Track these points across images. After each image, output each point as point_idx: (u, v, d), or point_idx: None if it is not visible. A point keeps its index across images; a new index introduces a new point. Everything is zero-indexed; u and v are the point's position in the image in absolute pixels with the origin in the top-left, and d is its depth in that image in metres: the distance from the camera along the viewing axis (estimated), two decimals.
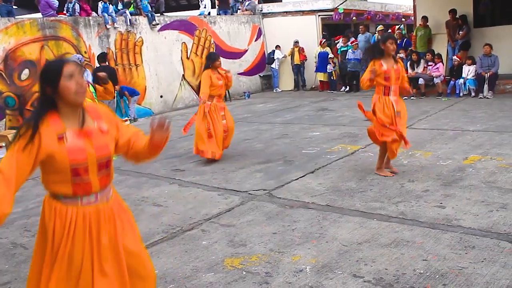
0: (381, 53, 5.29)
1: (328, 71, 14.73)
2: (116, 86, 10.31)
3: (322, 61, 14.73)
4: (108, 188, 2.41)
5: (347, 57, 14.20)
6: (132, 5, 13.49)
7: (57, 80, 2.19)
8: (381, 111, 5.34)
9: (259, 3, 17.15)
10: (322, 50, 14.82)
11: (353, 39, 14.75)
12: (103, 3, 12.49)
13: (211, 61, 6.96)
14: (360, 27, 15.34)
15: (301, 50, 15.35)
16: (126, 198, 5.48)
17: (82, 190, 2.29)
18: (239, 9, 17.10)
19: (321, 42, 15.14)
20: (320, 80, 15.34)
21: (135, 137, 2.50)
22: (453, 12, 12.59)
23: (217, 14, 16.25)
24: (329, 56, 14.61)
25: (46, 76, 2.24)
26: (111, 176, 2.42)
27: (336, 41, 15.62)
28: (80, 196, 2.31)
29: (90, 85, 5.13)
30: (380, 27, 14.28)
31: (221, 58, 7.41)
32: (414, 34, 13.59)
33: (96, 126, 2.32)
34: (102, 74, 5.29)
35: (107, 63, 10.67)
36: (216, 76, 6.93)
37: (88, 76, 9.42)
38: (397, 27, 16.34)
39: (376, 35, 14.11)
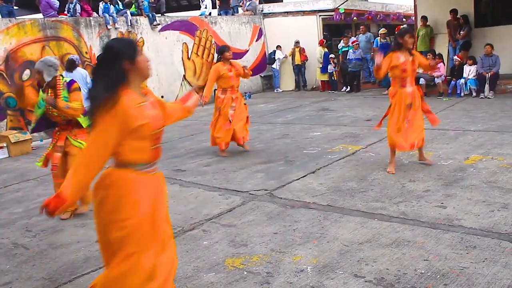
0: (399, 47, 5.50)
1: (329, 71, 14.74)
2: None
3: (325, 62, 14.74)
4: (158, 160, 2.67)
5: (348, 57, 14.20)
6: (133, 5, 13.49)
7: (136, 54, 2.41)
8: (395, 106, 5.55)
9: (260, 3, 17.15)
10: (326, 50, 14.86)
11: (354, 39, 14.74)
12: (104, 3, 12.50)
13: (220, 53, 7.23)
14: (361, 27, 15.34)
15: (302, 51, 15.36)
16: None
17: (154, 157, 2.60)
18: (240, 6, 17.09)
19: (321, 42, 15.12)
20: (321, 80, 15.35)
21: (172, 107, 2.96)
22: (454, 12, 12.59)
23: (218, 15, 16.26)
24: (330, 56, 14.62)
25: (126, 51, 2.41)
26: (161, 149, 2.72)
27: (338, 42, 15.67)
28: (152, 163, 2.59)
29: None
30: (382, 30, 14.16)
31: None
32: (415, 34, 13.58)
33: (150, 100, 2.58)
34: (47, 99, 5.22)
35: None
36: (226, 67, 7.12)
37: (87, 77, 9.41)
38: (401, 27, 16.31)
39: (378, 38, 14.05)
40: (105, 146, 2.33)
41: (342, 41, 15.21)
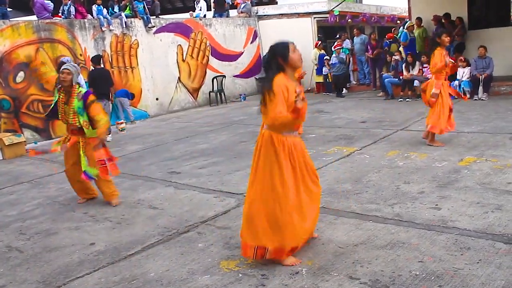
0: (438, 45, 6.50)
1: (323, 73, 14.76)
2: (111, 88, 10.29)
3: (321, 63, 14.75)
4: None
5: (330, 62, 14.13)
6: (128, 8, 13.47)
7: (287, 54, 3.42)
8: (443, 96, 6.55)
9: (254, 5, 17.15)
10: (321, 52, 14.85)
11: (337, 42, 14.72)
12: (97, 6, 12.47)
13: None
14: (354, 30, 15.37)
15: None
16: (122, 201, 5.49)
17: (296, 127, 3.53)
18: (234, 8, 17.08)
19: (316, 44, 15.14)
20: (316, 82, 15.37)
21: None
22: (447, 16, 12.65)
23: (213, 17, 16.26)
24: (325, 58, 14.63)
25: (281, 51, 3.45)
26: None
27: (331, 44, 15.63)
28: (293, 131, 3.51)
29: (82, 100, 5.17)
30: (410, 23, 13.70)
31: (217, 60, 7.51)
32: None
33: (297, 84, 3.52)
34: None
35: (102, 65, 10.64)
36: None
37: (81, 80, 9.36)
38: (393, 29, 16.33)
39: (407, 32, 13.69)
40: (282, 103, 3.28)
41: (336, 43, 15.21)
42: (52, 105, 5.38)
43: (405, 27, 13.61)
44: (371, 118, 9.48)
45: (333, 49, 14.34)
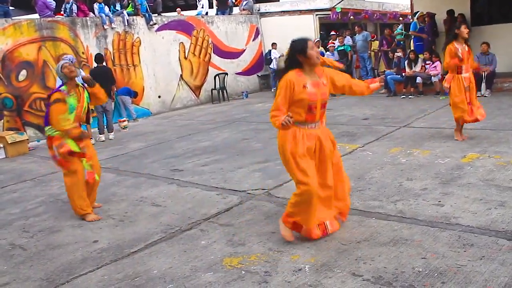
0: (455, 37, 6.50)
1: None
2: (113, 86, 10.29)
3: None
4: (321, 121, 3.79)
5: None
6: (130, 5, 13.47)
7: (306, 50, 3.57)
8: (455, 89, 6.59)
9: (256, 2, 17.13)
10: (319, 50, 14.83)
11: (331, 40, 14.67)
12: (98, 4, 12.47)
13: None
14: (356, 28, 15.33)
15: None
16: (124, 199, 5.50)
17: (310, 119, 3.67)
18: (236, 6, 17.07)
19: (316, 43, 15.13)
20: None
21: (349, 83, 3.95)
22: (450, 12, 12.60)
23: (216, 14, 16.25)
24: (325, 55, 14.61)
25: (299, 47, 3.60)
26: (325, 113, 3.83)
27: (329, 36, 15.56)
28: (308, 123, 3.68)
29: (85, 89, 5.08)
30: (420, 13, 13.25)
31: (219, 58, 7.52)
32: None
33: (321, 80, 3.68)
34: (86, 76, 5.15)
35: (104, 63, 10.64)
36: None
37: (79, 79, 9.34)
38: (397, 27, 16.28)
39: (416, 21, 13.37)
40: (283, 98, 3.58)
41: (337, 40, 15.19)
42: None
43: (416, 17, 13.37)
44: (373, 115, 9.46)
45: (327, 47, 14.27)
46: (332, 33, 15.43)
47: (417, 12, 13.15)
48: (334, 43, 14.39)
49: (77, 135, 4.81)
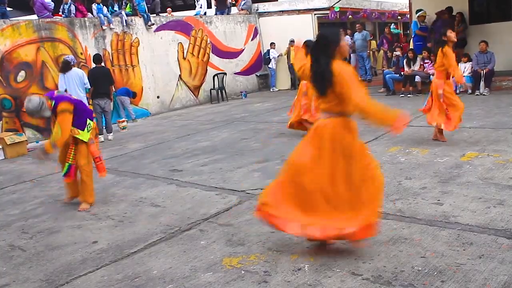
0: (444, 43, 6.43)
1: None
2: (111, 87, 10.29)
3: None
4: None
5: None
6: (128, 6, 13.47)
7: (339, 41, 3.41)
8: (448, 93, 6.52)
9: (254, 2, 17.13)
10: None
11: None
12: (96, 4, 12.46)
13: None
14: (357, 25, 15.36)
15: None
16: (124, 199, 5.50)
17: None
18: (234, 5, 17.07)
19: None
20: None
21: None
22: (449, 9, 12.61)
23: (215, 14, 16.25)
24: None
25: (333, 39, 3.43)
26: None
27: None
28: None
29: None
30: (422, 13, 13.04)
31: (218, 58, 7.58)
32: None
33: None
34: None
35: (102, 64, 10.64)
36: None
37: (84, 77, 9.34)
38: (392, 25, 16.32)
39: (417, 21, 13.22)
40: None
41: None
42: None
43: (417, 15, 13.28)
44: None
45: None
46: None
47: (420, 10, 13.08)
48: None
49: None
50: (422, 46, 12.59)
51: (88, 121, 5.25)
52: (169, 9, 16.37)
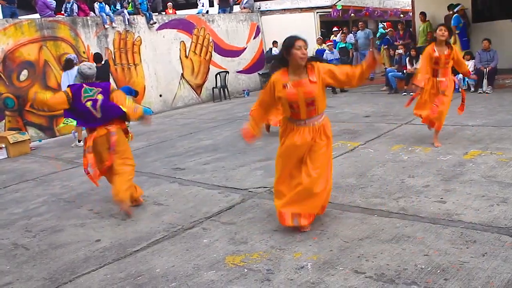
0: (435, 40, 6.23)
1: None
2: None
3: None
4: (315, 118, 3.89)
5: (325, 58, 13.78)
6: (130, 4, 13.47)
7: (291, 48, 3.66)
8: (427, 91, 6.28)
9: (256, 1, 17.12)
10: (319, 48, 14.75)
11: (328, 39, 14.67)
12: (99, 3, 12.47)
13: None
14: (359, 23, 15.34)
15: None
16: None
17: (295, 117, 3.87)
18: (237, 4, 17.06)
19: (318, 40, 15.10)
20: None
21: (352, 71, 3.87)
22: (451, 7, 12.56)
23: (218, 13, 16.25)
24: (326, 52, 14.53)
25: (286, 44, 3.71)
26: (317, 111, 3.88)
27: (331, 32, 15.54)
28: (295, 120, 3.89)
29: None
30: (461, 6, 12.58)
31: (220, 56, 7.55)
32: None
33: (308, 79, 3.76)
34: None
35: (103, 62, 10.63)
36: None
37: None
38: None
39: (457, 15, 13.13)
40: (266, 95, 3.96)
41: (339, 37, 15.15)
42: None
43: (456, 10, 12.99)
44: (374, 112, 9.45)
45: (326, 46, 14.18)
46: (335, 28, 15.36)
47: (458, 4, 12.55)
48: (332, 42, 14.33)
49: None
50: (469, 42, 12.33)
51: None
52: (169, 3, 16.25)
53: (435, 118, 6.30)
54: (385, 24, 16.18)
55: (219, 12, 16.27)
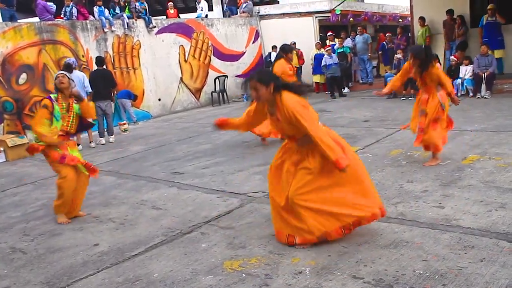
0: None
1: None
2: (113, 89, 10.30)
3: (319, 63, 14.65)
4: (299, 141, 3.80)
5: (325, 63, 13.74)
6: (126, 9, 13.50)
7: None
8: (414, 109, 6.02)
9: (255, 5, 17.14)
10: (318, 52, 14.77)
11: (327, 43, 14.70)
12: (98, 7, 12.49)
13: (284, 52, 7.75)
14: (358, 28, 15.36)
15: (300, 55, 15.16)
16: (125, 202, 5.50)
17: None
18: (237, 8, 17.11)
19: (317, 45, 15.11)
20: (315, 82, 15.28)
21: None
22: (450, 12, 12.61)
23: (225, 11, 16.24)
24: (324, 57, 14.53)
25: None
26: (297, 138, 3.81)
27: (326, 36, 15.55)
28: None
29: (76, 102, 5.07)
30: (490, 6, 12.10)
31: (219, 60, 7.63)
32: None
33: (276, 115, 3.75)
34: (74, 90, 5.08)
35: (104, 66, 10.65)
36: (288, 66, 7.70)
37: (84, 80, 9.35)
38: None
39: (484, 16, 12.28)
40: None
41: (337, 42, 15.15)
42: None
43: (488, 8, 12.81)
44: (373, 117, 9.47)
45: (324, 50, 14.17)
46: (330, 33, 15.33)
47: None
48: (330, 46, 14.36)
49: (52, 142, 4.85)
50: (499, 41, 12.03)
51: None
52: (170, 3, 16.12)
53: (425, 145, 5.85)
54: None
55: (226, 11, 16.24)
